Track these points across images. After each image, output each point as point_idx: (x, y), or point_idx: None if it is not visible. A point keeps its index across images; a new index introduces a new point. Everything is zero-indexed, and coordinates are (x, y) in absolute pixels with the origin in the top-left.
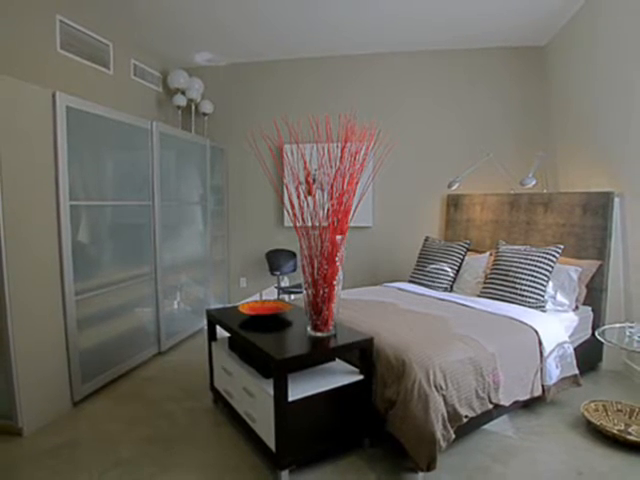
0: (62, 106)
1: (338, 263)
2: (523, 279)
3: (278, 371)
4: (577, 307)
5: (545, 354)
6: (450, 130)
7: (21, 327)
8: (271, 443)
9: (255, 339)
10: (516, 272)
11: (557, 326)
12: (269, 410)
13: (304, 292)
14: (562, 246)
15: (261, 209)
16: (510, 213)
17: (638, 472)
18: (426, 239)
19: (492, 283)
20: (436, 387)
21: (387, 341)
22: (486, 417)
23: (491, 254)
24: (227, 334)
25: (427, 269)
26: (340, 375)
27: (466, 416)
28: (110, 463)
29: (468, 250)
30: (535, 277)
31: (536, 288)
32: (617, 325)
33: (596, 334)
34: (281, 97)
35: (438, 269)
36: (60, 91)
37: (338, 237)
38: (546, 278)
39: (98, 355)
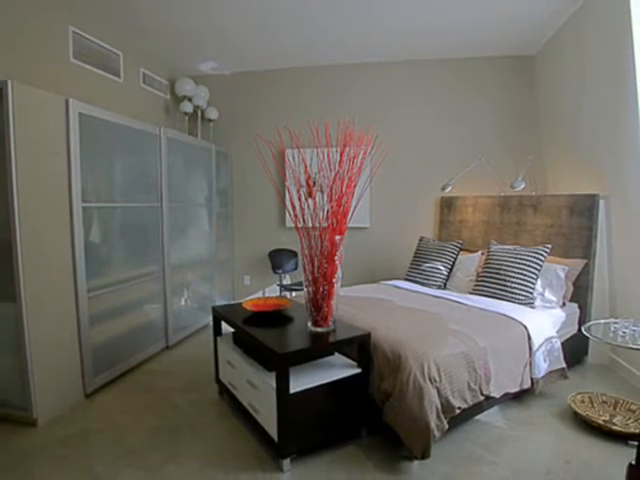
0: (75, 112)
1: (337, 262)
2: (513, 277)
3: (280, 364)
4: (564, 304)
5: (534, 348)
6: (444, 135)
7: (36, 323)
8: (273, 433)
9: (258, 334)
10: (506, 270)
11: (545, 322)
12: (271, 402)
13: (305, 289)
14: (550, 246)
15: (264, 211)
16: (501, 214)
17: (622, 460)
18: (421, 239)
19: (484, 281)
20: (430, 380)
21: (384, 336)
22: (478, 408)
23: (483, 253)
24: (232, 329)
25: (422, 267)
26: (339, 368)
27: (459, 407)
28: (120, 452)
29: (461, 249)
30: (525, 275)
31: (525, 286)
32: (602, 321)
33: (582, 329)
34: (283, 104)
35: (432, 267)
36: (73, 98)
37: (337, 237)
38: (535, 276)
39: (109, 349)
